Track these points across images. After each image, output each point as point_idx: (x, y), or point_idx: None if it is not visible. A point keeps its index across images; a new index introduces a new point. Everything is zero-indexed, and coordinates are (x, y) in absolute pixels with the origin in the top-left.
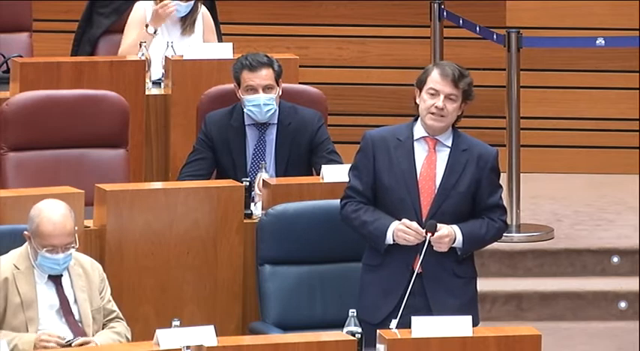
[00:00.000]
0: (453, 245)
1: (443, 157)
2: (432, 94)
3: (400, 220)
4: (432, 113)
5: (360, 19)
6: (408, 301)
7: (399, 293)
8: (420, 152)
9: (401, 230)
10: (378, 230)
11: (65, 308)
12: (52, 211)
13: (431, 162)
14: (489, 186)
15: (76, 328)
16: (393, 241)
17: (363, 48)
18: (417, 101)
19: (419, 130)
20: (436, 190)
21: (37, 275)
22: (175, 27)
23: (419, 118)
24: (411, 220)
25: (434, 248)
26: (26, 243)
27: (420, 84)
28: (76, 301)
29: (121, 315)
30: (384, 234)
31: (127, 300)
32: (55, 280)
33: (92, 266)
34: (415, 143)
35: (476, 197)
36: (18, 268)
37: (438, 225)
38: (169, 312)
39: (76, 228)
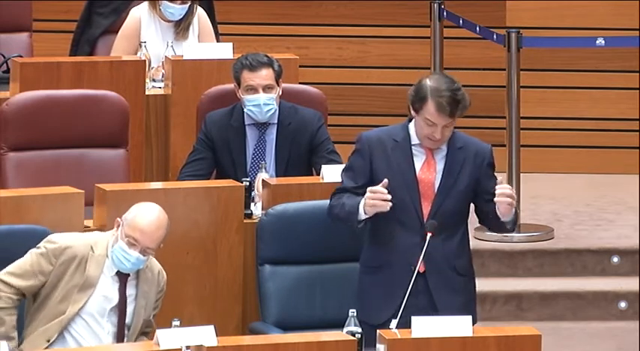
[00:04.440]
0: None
1: (440, 157)
2: (429, 125)
3: (401, 221)
4: (430, 139)
5: (360, 19)
6: (411, 300)
7: (402, 294)
8: (418, 153)
9: (368, 197)
10: (352, 207)
11: (121, 309)
12: (153, 213)
13: (430, 163)
14: (489, 180)
15: (121, 330)
16: (365, 213)
17: (363, 48)
18: (412, 114)
19: (415, 136)
20: (436, 191)
21: (107, 266)
22: (169, 31)
23: (413, 119)
24: (412, 221)
25: (499, 207)
26: (111, 231)
27: (415, 107)
28: (134, 305)
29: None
30: (357, 209)
31: None
32: (122, 278)
33: (159, 275)
34: (412, 145)
35: (477, 193)
36: (93, 251)
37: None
38: (169, 312)
39: (162, 245)
